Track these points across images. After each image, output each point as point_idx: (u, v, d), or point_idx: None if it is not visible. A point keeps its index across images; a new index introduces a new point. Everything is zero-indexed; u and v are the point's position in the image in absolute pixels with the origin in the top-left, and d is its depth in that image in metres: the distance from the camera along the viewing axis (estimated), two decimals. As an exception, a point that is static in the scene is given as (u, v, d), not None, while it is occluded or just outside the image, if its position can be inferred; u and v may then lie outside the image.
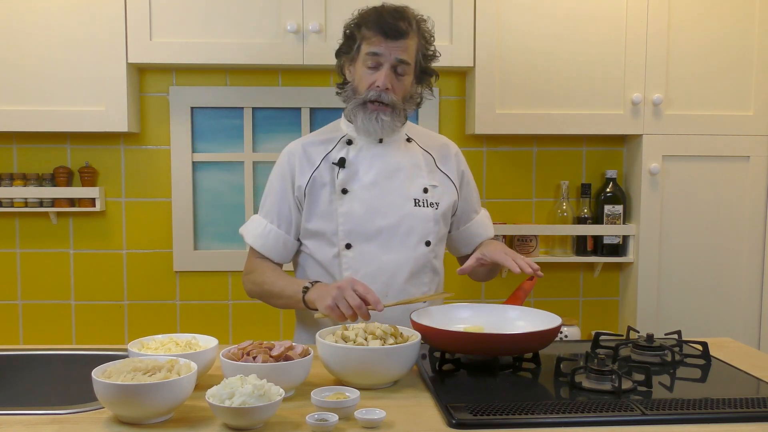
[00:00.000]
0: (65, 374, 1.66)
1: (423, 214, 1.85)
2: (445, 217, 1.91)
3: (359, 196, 1.82)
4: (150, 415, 1.23)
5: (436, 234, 1.87)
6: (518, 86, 2.51)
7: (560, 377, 1.47)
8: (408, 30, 1.77)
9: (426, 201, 1.86)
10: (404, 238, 1.83)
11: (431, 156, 1.92)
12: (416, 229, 1.84)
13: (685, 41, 2.54)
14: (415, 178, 1.86)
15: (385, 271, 1.82)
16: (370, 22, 1.77)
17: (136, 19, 2.38)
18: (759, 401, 1.33)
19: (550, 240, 2.73)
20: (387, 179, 1.84)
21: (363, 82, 1.80)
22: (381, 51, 1.76)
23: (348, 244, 1.82)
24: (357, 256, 1.82)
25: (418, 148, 1.92)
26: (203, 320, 2.71)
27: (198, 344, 1.50)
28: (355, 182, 1.83)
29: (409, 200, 1.84)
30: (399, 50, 1.76)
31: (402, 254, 1.83)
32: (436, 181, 1.89)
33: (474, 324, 1.68)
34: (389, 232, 1.82)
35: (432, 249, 1.87)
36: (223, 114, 2.68)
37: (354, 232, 1.82)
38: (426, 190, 1.87)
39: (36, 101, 2.40)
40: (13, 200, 2.56)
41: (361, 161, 1.85)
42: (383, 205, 1.82)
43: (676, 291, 2.62)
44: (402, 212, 1.83)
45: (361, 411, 1.23)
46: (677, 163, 2.58)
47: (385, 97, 1.77)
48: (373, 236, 1.82)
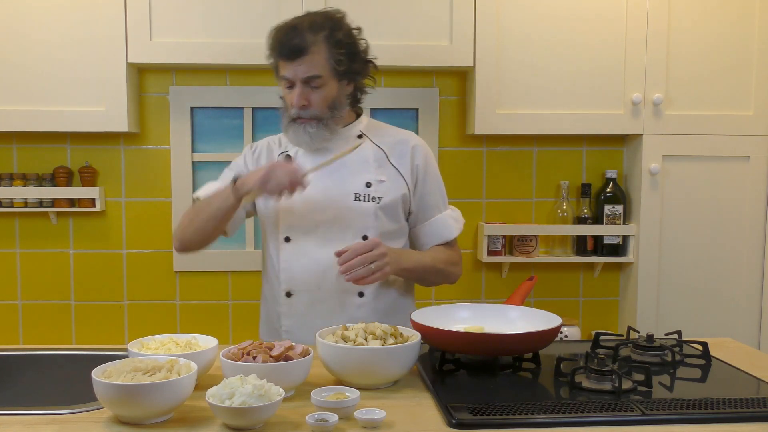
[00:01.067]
0: (65, 374, 1.66)
1: (362, 209, 1.85)
2: (390, 211, 1.88)
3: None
4: (150, 415, 1.23)
5: (376, 229, 1.85)
6: (518, 86, 2.51)
7: (560, 377, 1.47)
8: (305, 45, 1.75)
9: (368, 195, 1.85)
10: (341, 232, 1.84)
11: (382, 151, 1.91)
12: (354, 224, 1.84)
13: (685, 41, 2.54)
14: (358, 172, 1.87)
15: (320, 266, 1.83)
16: (271, 47, 1.82)
17: (136, 19, 2.38)
18: (759, 401, 1.33)
19: (550, 240, 2.73)
20: (329, 174, 1.85)
21: (286, 101, 1.85)
22: (288, 74, 1.79)
23: (287, 237, 1.86)
24: (294, 249, 1.85)
25: (370, 143, 1.91)
26: (203, 320, 2.71)
27: (198, 344, 1.50)
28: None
29: (350, 195, 1.85)
30: (303, 68, 1.77)
31: (337, 248, 1.79)
32: (383, 176, 1.88)
33: (474, 324, 1.68)
34: (327, 227, 1.84)
35: None
36: (223, 114, 2.68)
37: (293, 226, 1.85)
38: (369, 185, 1.86)
39: (36, 101, 2.40)
40: (13, 200, 2.56)
41: (307, 157, 1.87)
42: (322, 200, 1.84)
43: (676, 291, 2.62)
44: (340, 207, 1.84)
45: (361, 411, 1.23)
46: (677, 163, 2.58)
47: (304, 113, 1.80)
48: (311, 230, 1.85)
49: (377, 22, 2.44)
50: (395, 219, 1.91)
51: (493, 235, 2.65)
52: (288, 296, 1.87)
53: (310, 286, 1.85)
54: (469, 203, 2.74)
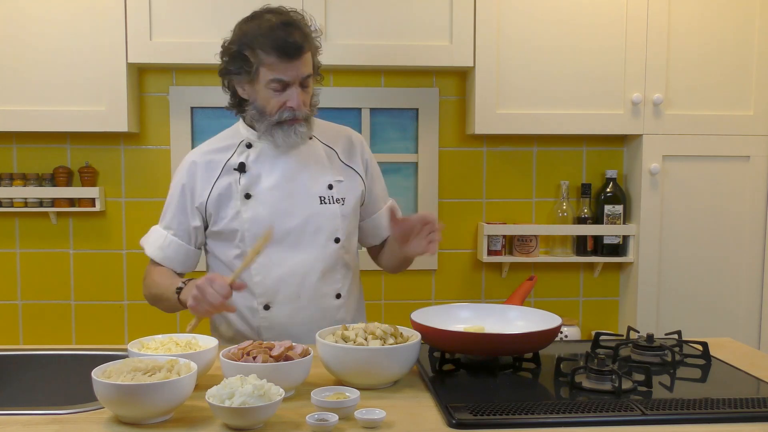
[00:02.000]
0: (65, 374, 1.66)
1: (329, 211, 1.82)
2: (354, 210, 1.88)
3: (263, 199, 1.79)
4: (150, 415, 1.23)
5: (344, 230, 1.84)
6: (518, 86, 2.51)
7: (560, 377, 1.47)
8: (305, 41, 1.70)
9: (332, 197, 1.83)
10: (312, 237, 1.81)
11: (334, 151, 1.88)
12: (324, 227, 1.81)
13: (685, 41, 2.54)
14: (318, 175, 1.83)
15: (296, 273, 1.79)
16: (266, 45, 1.68)
17: (136, 19, 2.38)
18: (759, 401, 1.33)
19: (550, 240, 2.73)
20: (290, 180, 1.81)
21: (270, 104, 1.73)
22: (286, 76, 1.69)
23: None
24: (266, 260, 1.79)
25: (320, 144, 1.87)
26: (203, 320, 2.70)
27: (198, 344, 1.50)
28: (258, 186, 1.79)
29: (315, 198, 1.81)
30: (302, 67, 1.70)
31: (312, 254, 1.80)
32: (340, 175, 1.86)
33: (474, 324, 1.68)
34: (297, 233, 1.80)
35: (342, 245, 1.84)
36: (223, 114, 2.66)
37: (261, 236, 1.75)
38: (331, 187, 1.83)
39: (36, 101, 2.40)
40: (13, 200, 2.56)
41: (262, 164, 1.81)
42: (288, 206, 1.79)
43: (676, 291, 2.62)
44: (308, 211, 1.80)
45: (361, 411, 1.23)
46: (677, 163, 2.58)
47: (300, 113, 1.74)
48: (281, 239, 1.79)
49: (377, 22, 2.44)
50: (356, 216, 1.91)
51: (493, 235, 2.65)
52: (266, 309, 1.81)
53: (290, 296, 1.80)
54: (469, 203, 2.74)
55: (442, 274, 2.76)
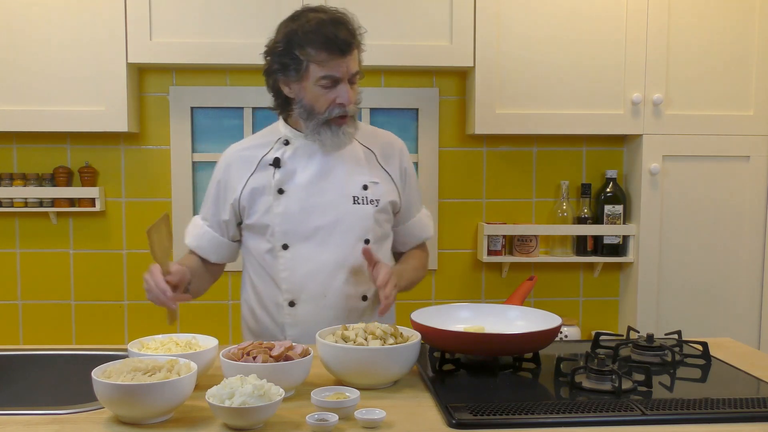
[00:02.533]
0: (65, 374, 1.66)
1: (362, 212, 1.80)
2: (387, 214, 1.87)
3: (295, 195, 1.79)
4: (150, 415, 1.23)
5: (374, 232, 1.82)
6: (518, 86, 2.51)
7: (560, 377, 1.47)
8: (353, 38, 1.70)
9: (366, 198, 1.81)
10: (342, 236, 1.79)
11: (372, 152, 1.87)
12: (354, 227, 1.80)
13: (685, 41, 2.54)
14: (354, 174, 1.82)
15: (322, 271, 1.79)
16: (316, 41, 1.67)
17: (136, 19, 2.38)
18: (759, 401, 1.33)
19: (550, 240, 2.73)
20: (324, 178, 1.80)
21: (320, 102, 1.72)
22: (337, 73, 1.69)
23: (285, 244, 1.79)
24: (294, 256, 1.79)
25: (359, 144, 1.86)
26: (203, 320, 2.71)
27: (198, 344, 1.50)
28: (292, 182, 1.80)
29: (348, 198, 1.80)
30: (352, 62, 1.71)
31: (340, 253, 1.79)
32: (376, 177, 1.84)
33: (474, 324, 1.68)
34: (326, 231, 1.79)
35: (372, 247, 1.81)
36: (223, 114, 2.68)
37: (291, 232, 1.79)
38: (366, 187, 1.81)
39: (36, 101, 2.40)
40: (13, 200, 2.56)
41: (298, 161, 1.81)
42: (320, 204, 1.79)
43: (676, 291, 2.62)
44: (340, 210, 1.79)
45: (361, 411, 1.23)
46: (677, 163, 2.58)
47: (350, 110, 1.74)
48: (310, 235, 1.78)
49: (377, 22, 2.44)
50: (388, 220, 1.89)
51: (493, 235, 2.65)
52: (291, 305, 1.81)
53: (316, 294, 1.79)
54: (469, 203, 2.74)
55: (442, 274, 2.76)
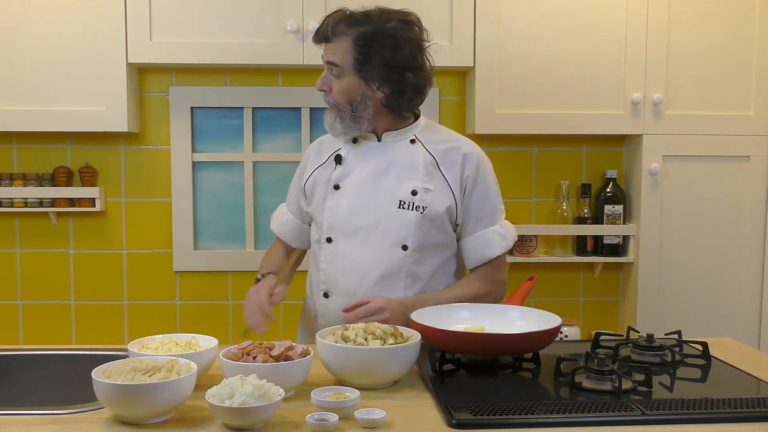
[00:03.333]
0: (65, 374, 1.66)
1: (404, 217, 1.79)
2: (434, 222, 1.81)
3: (348, 192, 1.84)
4: (150, 415, 1.23)
5: (416, 238, 1.79)
6: (518, 86, 2.51)
7: (560, 377, 1.47)
8: (329, 34, 1.77)
9: (412, 204, 1.79)
10: (380, 239, 1.81)
11: (433, 157, 1.84)
12: (393, 232, 1.80)
13: (685, 41, 2.54)
14: (406, 179, 1.81)
15: (357, 270, 1.81)
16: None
17: (136, 19, 2.38)
18: (759, 401, 1.33)
19: (550, 240, 2.73)
20: (377, 178, 1.83)
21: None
22: (322, 54, 1.82)
23: (329, 238, 1.85)
24: (335, 250, 1.84)
25: (422, 148, 1.84)
26: (203, 320, 2.71)
27: (198, 344, 1.50)
28: (348, 179, 1.85)
29: (394, 201, 1.80)
30: (328, 53, 1.79)
31: (375, 255, 1.80)
32: (431, 184, 1.81)
33: (474, 324, 1.68)
34: (366, 231, 1.81)
35: (410, 254, 1.80)
36: (223, 114, 2.68)
37: (336, 227, 1.84)
38: (414, 193, 1.80)
39: (36, 101, 2.40)
40: (13, 200, 2.56)
41: (356, 159, 1.86)
42: (366, 204, 1.82)
43: (676, 291, 2.62)
44: (382, 213, 1.80)
45: (361, 411, 1.23)
46: (677, 163, 2.58)
47: (325, 97, 1.83)
48: (351, 234, 1.83)
49: (377, 22, 2.43)
50: (440, 230, 1.83)
51: (493, 235, 2.64)
52: (326, 297, 1.86)
53: (347, 290, 1.82)
54: (469, 203, 2.74)
55: (442, 274, 2.75)
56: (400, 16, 1.80)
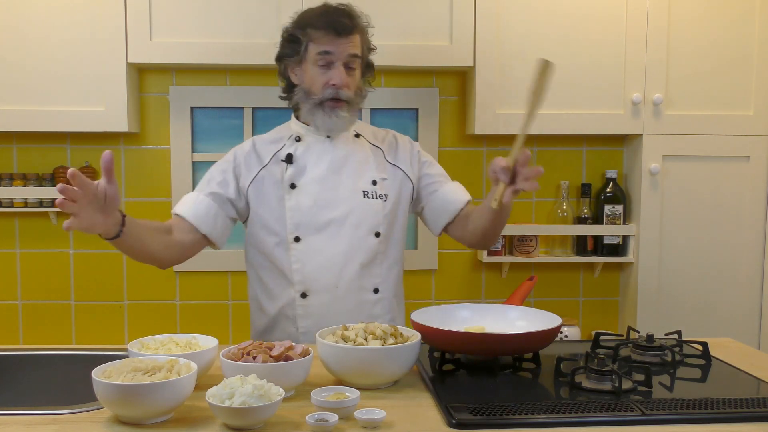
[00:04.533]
0: (65, 374, 1.66)
1: (372, 206, 1.86)
2: (398, 208, 1.91)
3: (307, 189, 1.85)
4: (150, 415, 1.23)
5: (386, 225, 1.88)
6: (518, 86, 2.51)
7: (560, 377, 1.47)
8: (354, 25, 1.80)
9: (375, 193, 1.87)
10: (353, 229, 1.84)
11: (380, 149, 1.94)
12: (365, 221, 1.85)
13: (685, 41, 2.54)
14: (363, 170, 1.88)
15: (335, 263, 1.83)
16: (317, 22, 1.79)
17: (136, 19, 2.38)
18: (759, 401, 1.33)
19: (550, 240, 2.73)
20: (335, 173, 1.86)
21: (316, 82, 1.81)
22: (332, 49, 1.78)
23: (297, 237, 1.84)
24: (306, 248, 1.84)
25: (367, 143, 1.94)
26: (203, 320, 2.71)
27: (198, 344, 1.50)
28: (303, 177, 1.85)
29: (358, 192, 1.86)
30: (349, 46, 1.80)
31: (351, 245, 1.84)
32: (385, 173, 1.91)
33: (474, 324, 1.68)
34: (338, 224, 1.84)
35: (382, 240, 1.87)
36: (223, 114, 2.68)
37: (302, 224, 1.84)
38: (375, 182, 1.88)
39: (36, 101, 2.40)
40: (13, 200, 2.56)
41: (309, 157, 1.87)
42: (332, 198, 1.84)
43: (676, 291, 2.62)
44: (350, 204, 1.85)
45: (361, 411, 1.23)
46: (677, 163, 2.58)
47: (343, 93, 1.80)
48: (321, 228, 1.84)
49: (377, 22, 2.42)
50: (403, 215, 1.94)
51: (493, 235, 2.65)
52: (303, 297, 1.85)
53: (328, 285, 1.84)
54: (469, 203, 2.74)
55: (442, 274, 2.76)
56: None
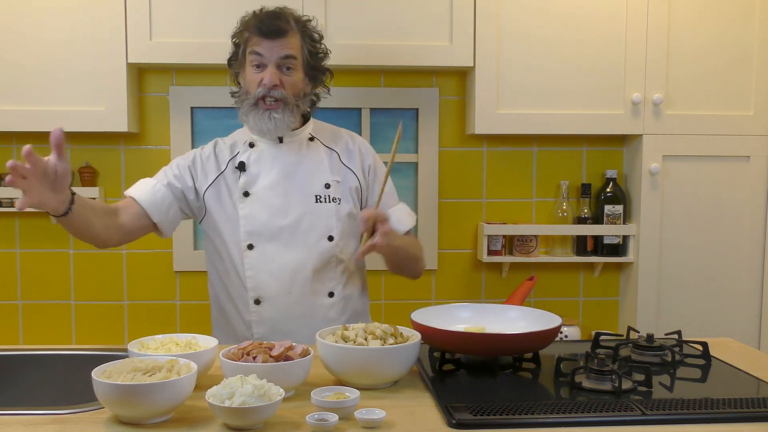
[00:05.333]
0: (65, 374, 1.66)
1: (324, 210, 1.86)
2: (352, 211, 1.91)
3: (260, 197, 1.85)
4: (150, 415, 1.23)
5: (339, 229, 1.87)
6: (518, 86, 2.51)
7: (560, 377, 1.47)
8: (286, 28, 1.81)
9: (328, 197, 1.87)
10: (305, 235, 1.85)
11: (335, 152, 1.94)
12: (317, 225, 1.85)
13: (685, 41, 2.54)
14: (316, 174, 1.88)
15: (287, 269, 1.84)
16: (250, 25, 1.83)
17: (136, 19, 2.38)
18: (759, 401, 1.33)
19: (550, 240, 2.73)
20: (287, 179, 1.86)
21: (252, 83, 1.83)
22: (262, 51, 1.80)
23: (250, 244, 1.84)
24: (259, 255, 1.84)
25: (322, 146, 1.94)
26: (203, 320, 2.70)
27: (198, 344, 1.50)
28: (256, 184, 1.86)
29: (310, 197, 1.86)
30: (280, 48, 1.81)
31: (304, 251, 1.84)
32: (339, 176, 1.91)
33: (474, 324, 1.68)
34: (290, 231, 1.84)
35: (336, 244, 1.87)
36: (223, 114, 2.67)
37: (255, 233, 1.84)
38: (328, 186, 1.88)
39: (36, 101, 2.40)
40: (13, 200, 2.56)
41: (262, 163, 1.88)
42: (284, 204, 1.85)
43: (676, 291, 2.62)
44: (302, 210, 1.85)
45: (361, 411, 1.23)
46: (677, 163, 2.58)
47: (275, 92, 1.81)
48: (274, 236, 1.84)
49: (377, 22, 2.44)
50: (354, 219, 1.91)
51: (493, 235, 2.65)
52: (257, 303, 1.85)
53: (281, 292, 1.84)
54: (469, 203, 2.74)
55: (442, 274, 2.76)
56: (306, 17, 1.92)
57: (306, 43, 1.86)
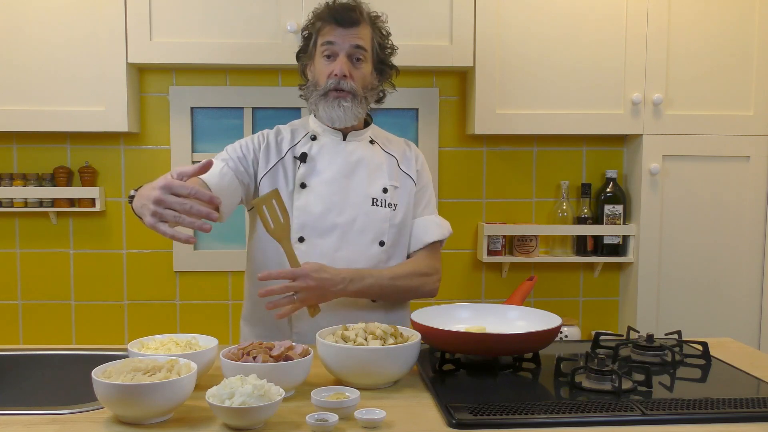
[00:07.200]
0: (65, 374, 1.66)
1: (379, 214, 1.83)
2: (406, 218, 1.88)
3: (317, 191, 1.82)
4: (150, 415, 1.23)
5: (391, 235, 1.85)
6: (518, 86, 2.51)
7: (560, 377, 1.47)
8: (359, 18, 1.80)
9: (384, 201, 1.84)
10: (358, 236, 1.82)
11: (394, 158, 1.92)
12: (371, 229, 1.83)
13: (685, 41, 2.54)
14: (375, 177, 1.86)
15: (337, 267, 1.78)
16: (323, 15, 1.82)
17: (136, 19, 2.38)
18: (759, 401, 1.33)
19: (550, 240, 2.73)
20: (346, 176, 1.84)
21: (322, 74, 1.81)
22: (335, 39, 1.79)
23: (301, 237, 1.81)
24: (309, 250, 1.81)
25: (381, 150, 1.91)
26: (203, 320, 2.71)
27: (198, 344, 1.50)
28: (315, 177, 1.83)
29: (367, 199, 1.83)
30: (353, 37, 1.79)
31: (354, 252, 1.81)
32: (397, 182, 1.88)
33: (474, 324, 1.68)
34: (343, 229, 1.81)
35: (385, 250, 1.84)
36: (223, 114, 2.68)
37: (308, 226, 1.81)
38: (385, 190, 1.85)
39: (36, 101, 2.40)
40: (13, 200, 2.56)
41: (322, 157, 1.85)
42: (340, 202, 1.82)
43: (676, 291, 2.62)
44: (358, 210, 1.82)
45: (361, 411, 1.23)
46: (677, 163, 2.59)
47: (344, 84, 1.79)
48: (327, 232, 1.81)
49: (377, 22, 2.44)
50: (407, 225, 1.90)
51: (493, 235, 2.65)
52: None
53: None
54: (469, 203, 2.74)
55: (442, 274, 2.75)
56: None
57: (376, 36, 1.85)
